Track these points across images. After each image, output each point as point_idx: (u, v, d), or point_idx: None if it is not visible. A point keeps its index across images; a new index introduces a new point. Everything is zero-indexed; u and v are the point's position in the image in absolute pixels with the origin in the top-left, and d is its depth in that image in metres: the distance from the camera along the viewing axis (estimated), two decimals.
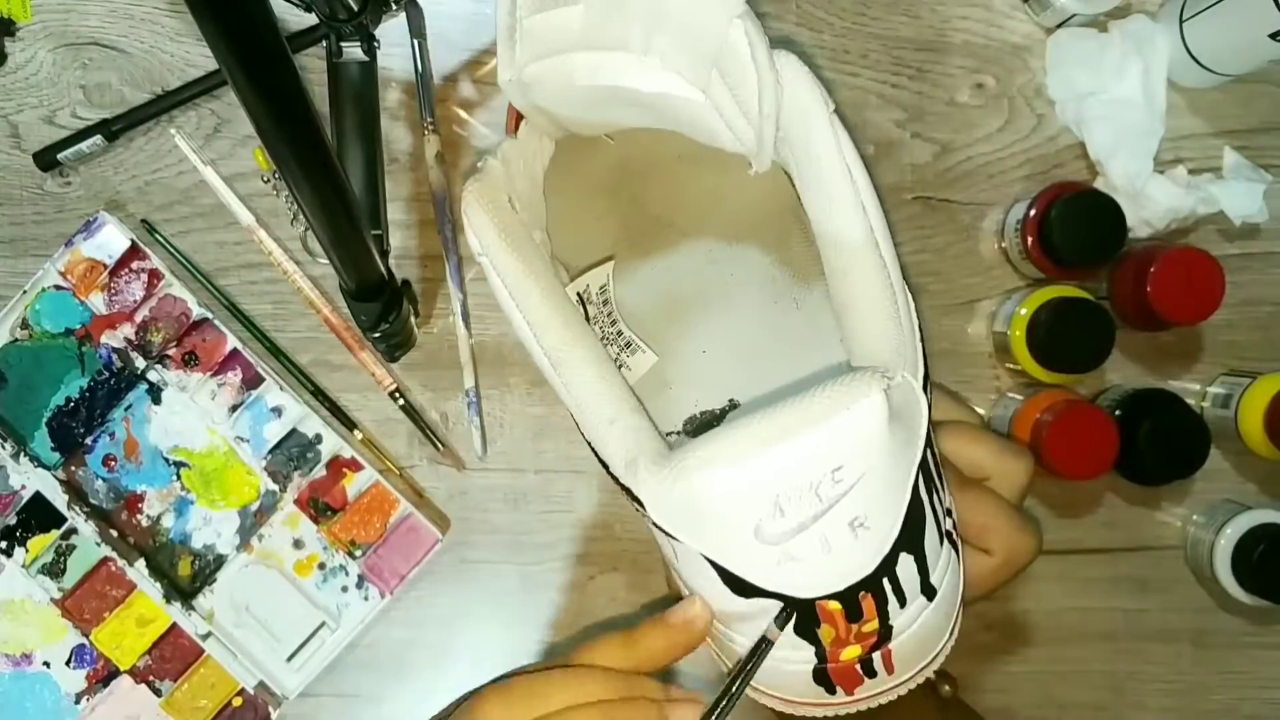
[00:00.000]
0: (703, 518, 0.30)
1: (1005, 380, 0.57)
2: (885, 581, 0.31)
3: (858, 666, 0.33)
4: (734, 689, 0.34)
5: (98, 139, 0.54)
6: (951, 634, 0.36)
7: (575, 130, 0.42)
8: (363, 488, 0.55)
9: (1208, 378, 0.57)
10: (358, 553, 0.55)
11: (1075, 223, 0.51)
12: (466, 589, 0.56)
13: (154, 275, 0.54)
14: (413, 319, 0.52)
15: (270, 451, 0.55)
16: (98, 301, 0.54)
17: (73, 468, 0.54)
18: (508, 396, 0.56)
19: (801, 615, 0.32)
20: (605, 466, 0.35)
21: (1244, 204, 0.55)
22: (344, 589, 0.55)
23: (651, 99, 0.36)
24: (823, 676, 0.34)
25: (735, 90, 0.35)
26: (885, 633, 0.33)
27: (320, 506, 0.55)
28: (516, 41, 0.37)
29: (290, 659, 0.54)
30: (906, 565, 0.32)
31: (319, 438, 0.55)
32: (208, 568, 0.55)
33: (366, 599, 0.55)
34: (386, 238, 0.54)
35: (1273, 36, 0.50)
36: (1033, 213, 0.53)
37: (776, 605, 0.31)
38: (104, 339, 0.54)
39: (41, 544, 0.54)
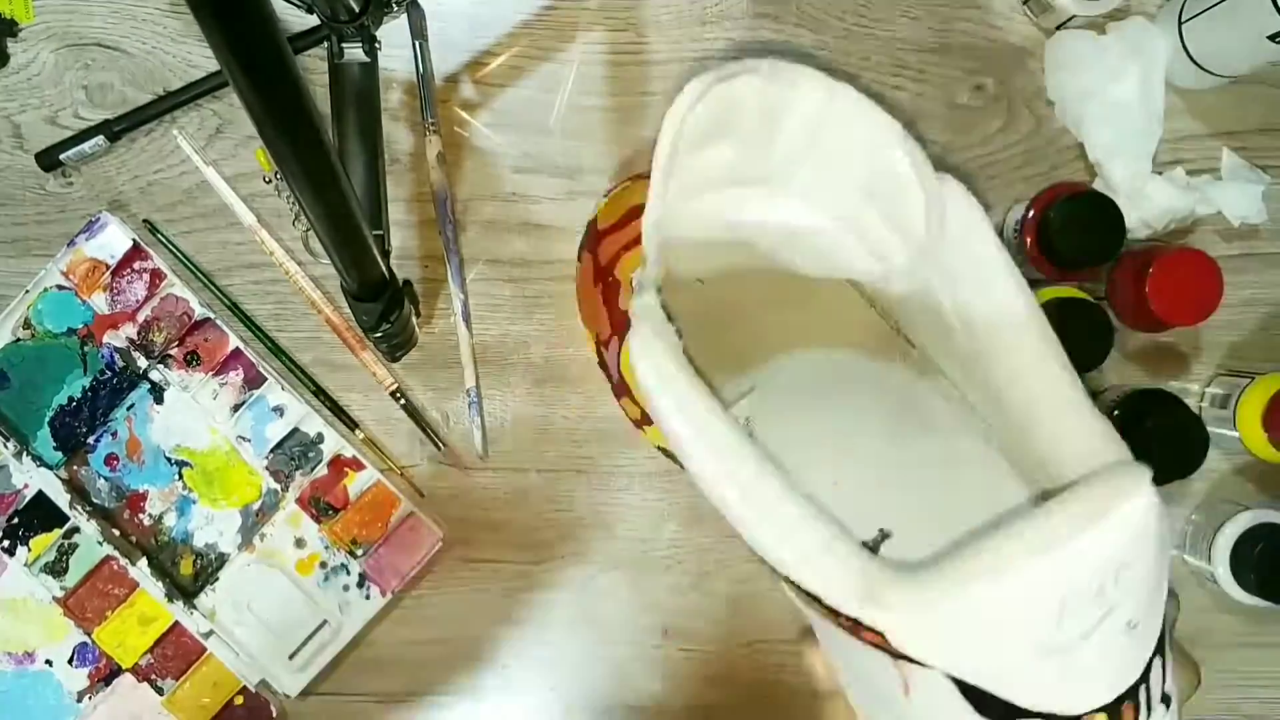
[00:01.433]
0: (969, 637, 0.28)
1: None
2: (1142, 689, 0.29)
3: None
4: None
5: (100, 139, 0.54)
6: None
7: (681, 275, 0.41)
8: (364, 487, 0.55)
9: (1206, 378, 0.57)
10: (359, 552, 0.55)
11: (1074, 224, 0.51)
12: (467, 588, 0.56)
13: (156, 275, 0.55)
14: (414, 319, 0.52)
15: (272, 451, 0.55)
16: (100, 301, 0.54)
17: (75, 467, 0.55)
18: (509, 396, 0.56)
19: None
20: (815, 600, 0.31)
21: (1242, 205, 0.55)
22: (345, 588, 0.55)
23: (785, 231, 0.36)
24: None
25: (892, 213, 0.35)
26: None
27: (322, 506, 0.55)
28: (671, 176, 0.37)
29: (292, 657, 0.54)
30: (1156, 669, 0.29)
31: (320, 437, 0.55)
32: (210, 566, 0.55)
33: (368, 598, 0.55)
34: (388, 238, 0.54)
35: (1271, 38, 0.50)
36: (1032, 214, 0.53)
37: None
38: (106, 339, 0.54)
39: (44, 543, 0.54)
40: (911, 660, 0.29)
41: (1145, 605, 0.28)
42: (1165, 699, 0.31)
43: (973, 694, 0.28)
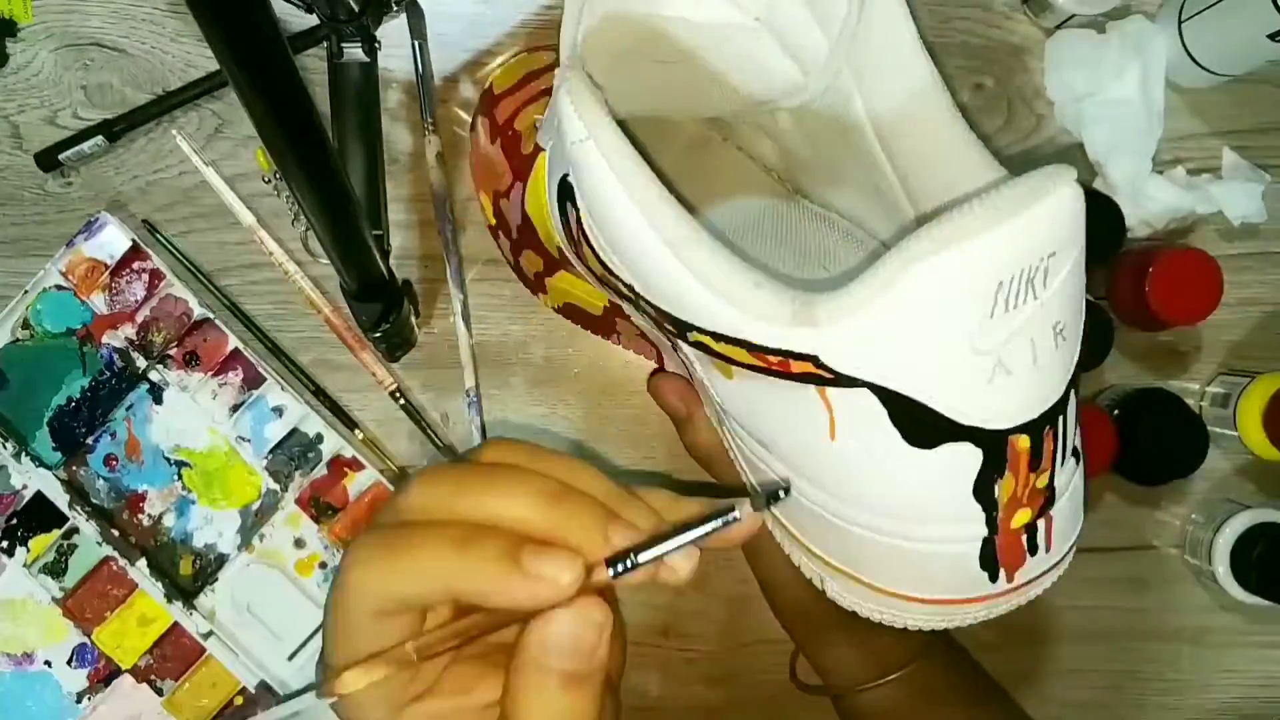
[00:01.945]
0: (904, 334, 0.27)
1: None
2: (1061, 419, 0.29)
3: (1024, 538, 0.30)
4: (672, 546, 0.29)
5: (99, 139, 0.54)
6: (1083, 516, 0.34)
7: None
8: (364, 487, 0.55)
9: (1206, 377, 0.57)
10: None
11: None
12: None
13: (155, 275, 0.54)
14: (413, 319, 0.52)
15: (271, 451, 0.55)
16: (99, 302, 0.54)
17: (74, 467, 0.55)
18: (508, 396, 0.56)
19: (987, 463, 0.28)
20: (745, 345, 0.30)
21: (1243, 204, 0.55)
22: None
23: (709, 28, 0.36)
24: (989, 554, 0.30)
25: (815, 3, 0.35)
26: (1050, 494, 0.30)
27: (321, 506, 0.55)
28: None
29: (291, 658, 0.54)
30: (1070, 408, 0.29)
31: (320, 437, 0.55)
32: (209, 567, 0.55)
33: None
34: (387, 238, 0.54)
35: (1271, 37, 0.50)
36: None
37: (961, 456, 0.28)
38: (105, 339, 0.54)
39: (43, 543, 0.54)
40: (841, 382, 0.28)
41: (1070, 311, 0.28)
42: (1076, 453, 0.31)
43: (901, 418, 0.28)
